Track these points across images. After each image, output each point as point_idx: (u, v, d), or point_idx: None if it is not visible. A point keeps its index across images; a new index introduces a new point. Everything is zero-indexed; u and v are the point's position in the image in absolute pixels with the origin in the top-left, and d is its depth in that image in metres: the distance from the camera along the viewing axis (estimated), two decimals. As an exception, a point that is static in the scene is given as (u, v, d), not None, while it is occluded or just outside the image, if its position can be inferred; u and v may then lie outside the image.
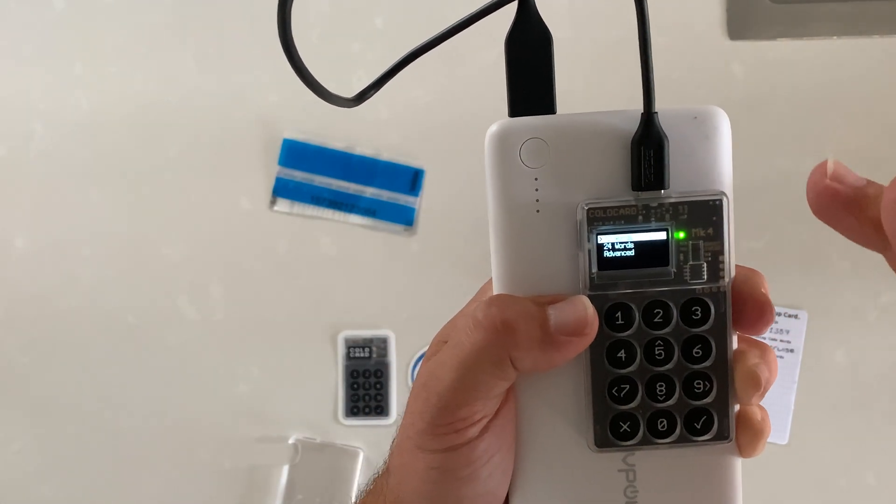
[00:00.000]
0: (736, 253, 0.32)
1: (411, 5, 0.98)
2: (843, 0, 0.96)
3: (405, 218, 1.00)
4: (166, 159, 1.01)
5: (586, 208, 0.31)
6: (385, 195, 1.00)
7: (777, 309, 0.97)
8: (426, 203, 1.00)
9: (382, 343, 1.01)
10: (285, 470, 1.01)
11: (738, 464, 0.33)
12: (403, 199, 1.00)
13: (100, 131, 1.01)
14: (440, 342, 0.34)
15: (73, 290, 1.02)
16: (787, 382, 0.98)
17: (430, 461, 0.32)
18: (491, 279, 0.34)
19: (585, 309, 0.31)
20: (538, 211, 0.32)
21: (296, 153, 1.00)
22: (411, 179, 1.00)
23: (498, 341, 0.31)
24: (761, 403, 0.33)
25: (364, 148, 0.99)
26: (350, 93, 0.36)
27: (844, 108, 0.98)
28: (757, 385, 0.32)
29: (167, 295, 1.01)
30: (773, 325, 0.97)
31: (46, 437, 1.03)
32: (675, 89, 1.02)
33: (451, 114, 0.98)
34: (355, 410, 1.01)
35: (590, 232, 0.31)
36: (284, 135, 1.00)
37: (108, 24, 1.01)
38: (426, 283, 0.99)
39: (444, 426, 0.31)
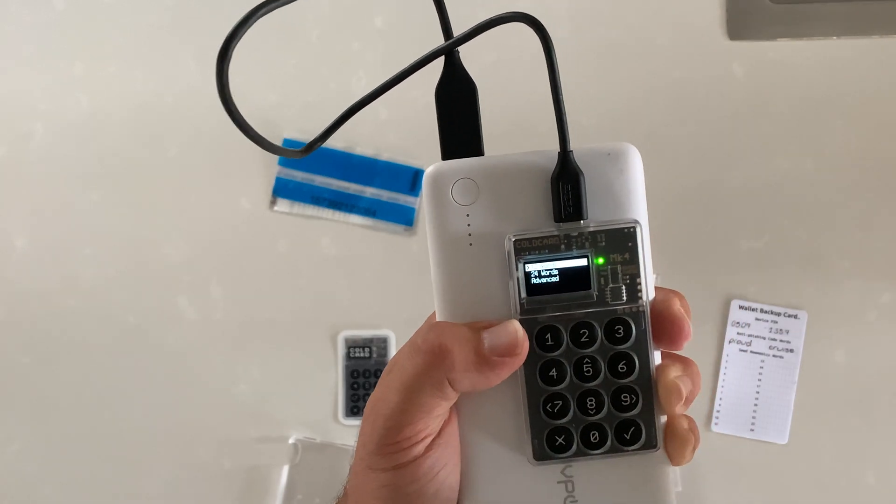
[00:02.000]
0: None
1: (411, 5, 0.98)
2: (843, 0, 0.96)
3: (405, 218, 1.00)
4: (166, 159, 1.01)
5: (513, 240, 0.34)
6: (385, 195, 1.00)
7: (777, 309, 0.97)
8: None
9: (382, 343, 1.01)
10: (285, 470, 1.01)
11: (669, 470, 0.36)
12: (403, 199, 1.00)
13: (100, 131, 1.01)
14: (388, 370, 0.36)
15: (73, 290, 1.02)
16: (787, 382, 0.98)
17: (381, 480, 0.34)
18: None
19: (516, 331, 0.34)
20: (471, 244, 0.35)
21: (296, 153, 1.00)
22: (411, 179, 1.00)
23: (436, 364, 0.33)
24: (689, 414, 0.36)
25: (364, 148, 0.99)
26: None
27: (844, 108, 0.98)
28: (679, 395, 0.34)
29: (167, 295, 1.01)
30: (773, 325, 0.97)
31: (46, 437, 1.03)
32: (675, 89, 1.02)
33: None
34: (355, 410, 1.01)
35: (517, 261, 0.34)
36: (284, 135, 1.00)
37: (108, 24, 1.01)
38: (426, 283, 0.99)
39: (391, 445, 0.34)
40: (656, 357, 0.35)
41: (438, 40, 0.37)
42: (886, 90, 0.98)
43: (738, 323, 0.98)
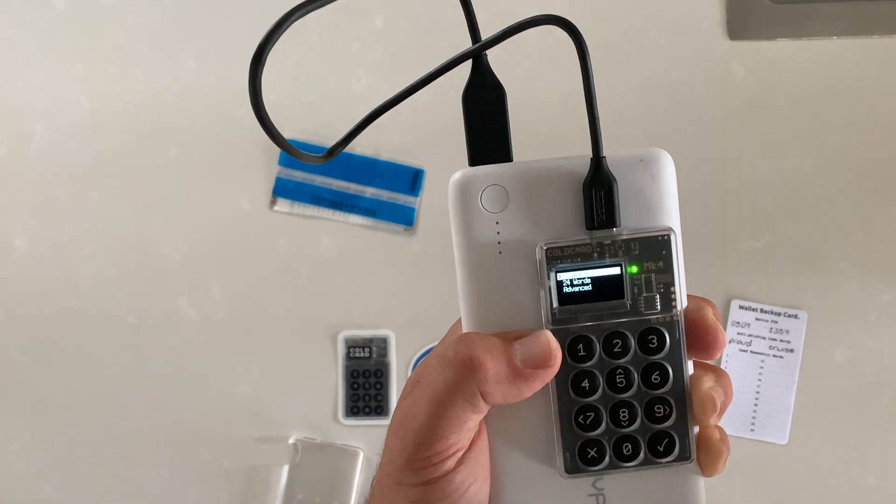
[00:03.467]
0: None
1: (411, 5, 0.98)
2: (843, 0, 0.96)
3: (405, 218, 1.00)
4: (166, 159, 1.01)
5: (545, 248, 0.34)
6: (385, 195, 1.00)
7: (777, 309, 0.97)
8: (426, 203, 1.00)
9: (382, 343, 1.01)
10: (285, 470, 1.01)
11: (701, 483, 0.35)
12: (403, 199, 1.00)
13: (100, 131, 1.01)
14: (414, 382, 0.35)
15: (73, 290, 1.02)
16: (787, 382, 0.98)
17: (411, 496, 0.33)
18: (459, 319, 0.36)
19: (549, 342, 0.33)
20: (500, 252, 0.34)
21: (296, 153, 1.00)
22: (411, 179, 1.00)
23: (468, 376, 0.32)
24: (720, 425, 0.35)
25: (364, 148, 0.99)
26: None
27: (844, 108, 0.98)
28: (713, 407, 0.34)
29: (167, 295, 1.01)
30: (773, 325, 0.97)
31: (46, 437, 1.03)
32: (675, 89, 1.02)
33: (451, 114, 0.98)
34: (355, 410, 1.01)
35: (549, 270, 0.34)
36: (284, 135, 0.99)
37: (108, 24, 1.01)
38: (426, 283, 0.99)
39: (422, 461, 0.33)
40: (690, 367, 0.35)
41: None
42: (886, 90, 0.98)
43: (738, 323, 0.98)
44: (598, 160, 0.34)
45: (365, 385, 1.01)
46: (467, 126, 0.36)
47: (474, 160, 0.36)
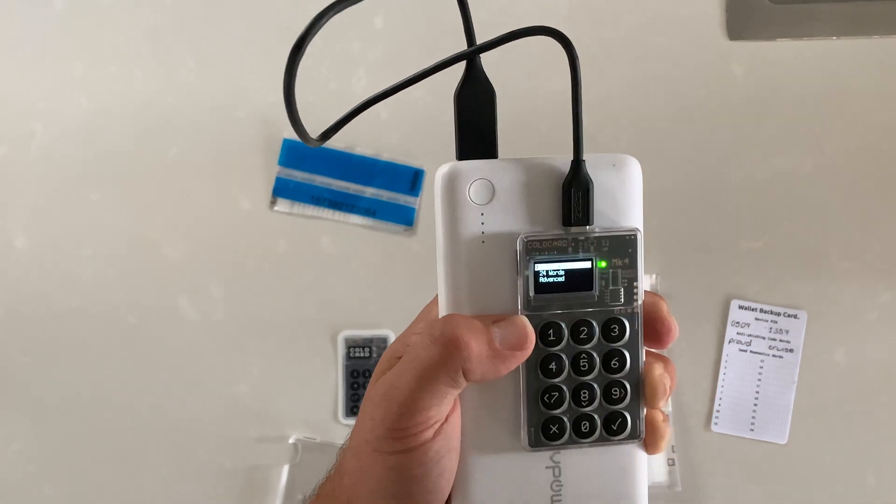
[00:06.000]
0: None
1: (411, 5, 0.98)
2: (843, 0, 0.96)
3: (405, 218, 1.00)
4: (166, 159, 1.01)
5: (525, 240, 0.36)
6: (385, 195, 1.00)
7: (776, 309, 0.97)
8: (426, 203, 1.00)
9: (382, 343, 1.01)
10: (285, 470, 1.01)
11: (645, 459, 0.39)
12: (403, 199, 1.00)
13: (100, 131, 1.01)
14: (392, 358, 0.39)
15: (73, 290, 1.02)
16: (787, 382, 0.98)
17: (389, 462, 0.36)
18: (431, 301, 0.41)
19: (525, 327, 0.36)
20: (483, 242, 0.37)
21: (296, 153, 1.00)
22: (411, 179, 1.00)
23: (453, 355, 0.35)
24: (662, 409, 0.39)
25: (364, 148, 0.99)
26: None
27: (844, 108, 0.98)
28: (664, 392, 0.38)
29: (167, 295, 1.01)
30: (773, 325, 0.97)
31: (46, 437, 1.03)
32: (674, 89, 1.02)
33: (451, 114, 0.98)
34: (355, 410, 1.01)
35: (528, 261, 0.36)
36: (284, 135, 1.00)
37: (108, 24, 1.01)
38: (426, 283, 0.99)
39: (403, 430, 0.36)
40: (643, 355, 0.38)
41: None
42: (886, 90, 0.98)
43: (737, 323, 0.98)
44: (578, 162, 0.36)
45: (365, 385, 1.01)
46: (458, 123, 0.39)
47: (462, 155, 0.38)
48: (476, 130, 0.39)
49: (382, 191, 1.00)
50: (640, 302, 0.37)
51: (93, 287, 1.02)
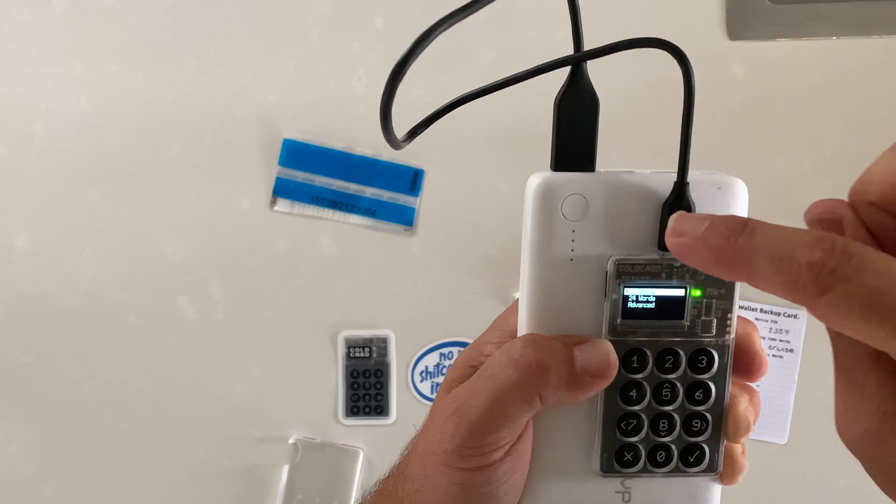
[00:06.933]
0: None
1: (411, 5, 0.98)
2: (843, 0, 0.96)
3: (405, 218, 1.00)
4: (166, 159, 1.01)
5: (616, 262, 0.35)
6: (385, 195, 1.00)
7: (777, 309, 0.97)
8: (426, 203, 1.00)
9: (382, 343, 1.01)
10: (285, 470, 1.01)
11: (719, 491, 0.38)
12: (403, 199, 1.00)
13: (100, 131, 1.01)
14: (465, 366, 0.37)
15: (73, 289, 1.02)
16: (787, 382, 0.98)
17: (456, 478, 0.35)
18: (508, 308, 0.38)
19: (608, 354, 0.34)
20: (571, 260, 0.35)
21: (296, 153, 1.00)
22: (411, 179, 1.00)
23: (531, 379, 0.34)
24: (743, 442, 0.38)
25: (364, 148, 0.99)
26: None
27: (844, 108, 0.98)
28: (747, 428, 0.37)
29: (167, 295, 1.01)
30: (773, 325, 0.97)
31: (46, 437, 1.03)
32: (674, 90, 1.02)
33: (451, 114, 0.98)
34: (355, 410, 1.01)
35: (617, 284, 0.35)
36: (284, 135, 1.00)
37: (108, 24, 1.01)
38: (426, 283, 0.99)
39: (473, 449, 0.35)
40: (729, 388, 0.36)
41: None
42: (886, 90, 0.98)
43: (737, 323, 0.98)
44: (682, 184, 0.34)
45: (365, 385, 1.01)
46: (557, 131, 0.36)
47: (558, 165, 0.36)
48: (576, 141, 0.36)
49: (382, 191, 1.00)
50: (732, 335, 0.35)
51: (93, 287, 1.02)
